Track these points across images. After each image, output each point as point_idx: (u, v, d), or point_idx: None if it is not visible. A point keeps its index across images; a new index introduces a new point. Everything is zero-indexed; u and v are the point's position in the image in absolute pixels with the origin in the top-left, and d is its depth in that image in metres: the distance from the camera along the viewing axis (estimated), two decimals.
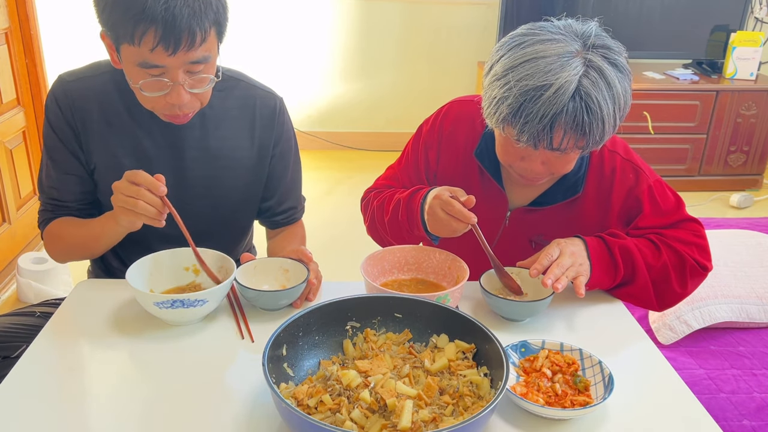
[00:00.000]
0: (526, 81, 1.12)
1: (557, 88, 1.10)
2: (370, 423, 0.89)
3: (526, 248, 1.40)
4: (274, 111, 1.42)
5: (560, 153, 1.18)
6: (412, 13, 4.04)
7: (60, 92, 1.31)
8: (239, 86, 1.39)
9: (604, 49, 1.14)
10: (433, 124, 1.46)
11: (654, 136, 3.68)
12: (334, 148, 4.25)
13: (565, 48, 1.13)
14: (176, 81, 1.16)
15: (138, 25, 1.09)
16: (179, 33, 1.10)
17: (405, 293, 1.12)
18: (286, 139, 1.46)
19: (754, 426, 1.92)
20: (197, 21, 1.11)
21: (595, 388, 1.02)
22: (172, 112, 1.22)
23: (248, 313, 1.21)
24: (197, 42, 1.13)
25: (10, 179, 2.69)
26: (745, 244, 2.59)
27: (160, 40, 1.10)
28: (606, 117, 1.13)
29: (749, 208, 3.68)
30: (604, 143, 1.22)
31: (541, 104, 1.11)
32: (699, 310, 2.28)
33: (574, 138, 1.14)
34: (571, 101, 1.10)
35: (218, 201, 1.40)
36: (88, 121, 1.32)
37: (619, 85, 1.14)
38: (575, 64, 1.11)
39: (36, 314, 1.37)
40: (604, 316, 1.27)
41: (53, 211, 1.37)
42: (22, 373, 1.04)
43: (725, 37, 3.81)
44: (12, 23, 2.71)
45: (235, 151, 1.39)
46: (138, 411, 0.97)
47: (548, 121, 1.11)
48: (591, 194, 1.36)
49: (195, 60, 1.15)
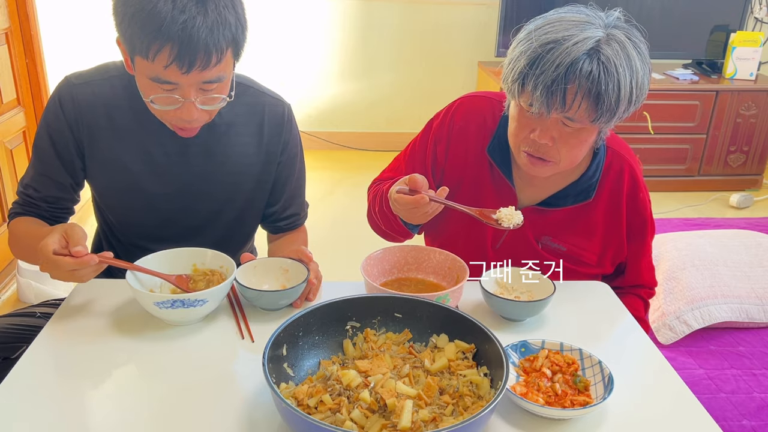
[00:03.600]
0: (546, 36, 1.14)
1: (576, 40, 1.12)
2: (370, 423, 0.89)
3: (533, 249, 1.39)
4: (282, 118, 1.41)
5: (572, 123, 1.18)
6: (411, 13, 4.04)
7: (66, 96, 1.30)
8: (248, 93, 1.38)
9: (628, 30, 1.16)
10: (443, 118, 1.45)
11: (654, 136, 3.68)
12: (334, 148, 4.25)
13: (588, 19, 1.16)
14: (188, 98, 1.16)
15: (154, 42, 1.08)
16: (194, 52, 1.09)
17: (405, 293, 1.12)
18: (293, 146, 1.45)
19: (754, 426, 1.92)
20: (214, 41, 1.10)
21: (595, 388, 1.02)
22: (180, 125, 1.22)
23: (248, 313, 1.21)
24: (212, 62, 1.12)
25: (10, 179, 2.69)
26: (745, 244, 2.60)
27: (175, 59, 1.09)
28: (622, 86, 1.12)
29: (749, 208, 3.68)
30: (613, 125, 1.22)
31: (558, 54, 1.12)
32: (699, 310, 2.28)
33: (587, 102, 1.14)
34: (588, 58, 1.11)
35: (223, 206, 1.40)
36: (95, 127, 1.30)
37: (639, 63, 1.14)
38: (596, 30, 1.13)
39: (36, 314, 1.37)
40: (604, 316, 1.27)
41: (23, 206, 1.36)
42: (22, 373, 1.04)
43: (725, 37, 3.81)
44: (12, 23, 2.71)
45: (241, 157, 1.38)
46: (138, 411, 0.97)
47: (563, 71, 1.12)
48: (602, 203, 1.36)
49: (209, 80, 1.15)
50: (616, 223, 1.38)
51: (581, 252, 1.38)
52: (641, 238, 1.41)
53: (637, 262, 1.44)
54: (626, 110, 1.18)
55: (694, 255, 2.49)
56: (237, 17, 1.15)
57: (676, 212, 3.58)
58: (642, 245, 1.42)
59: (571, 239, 1.38)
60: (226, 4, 1.13)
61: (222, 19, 1.11)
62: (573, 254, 1.38)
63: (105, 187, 1.37)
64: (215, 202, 1.39)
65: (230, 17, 1.13)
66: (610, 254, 1.40)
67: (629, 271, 1.45)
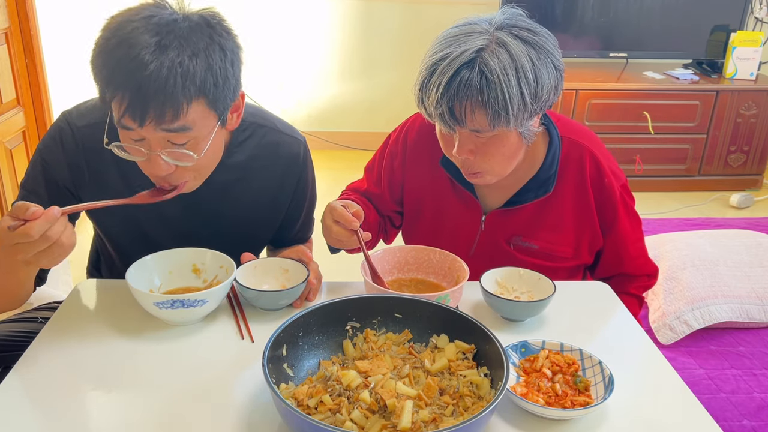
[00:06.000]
0: (431, 57, 1.16)
1: (453, 57, 1.12)
2: (370, 423, 0.89)
3: (505, 251, 1.39)
4: (297, 158, 1.38)
5: (479, 135, 1.18)
6: (411, 13, 4.04)
7: (68, 136, 1.24)
8: (261, 132, 1.33)
9: (515, 28, 1.15)
10: (399, 134, 1.48)
11: (654, 136, 3.68)
12: (334, 148, 4.25)
13: (473, 29, 1.16)
14: (154, 150, 1.08)
15: (107, 88, 1.03)
16: (146, 105, 1.01)
17: (405, 293, 1.12)
18: (305, 180, 1.42)
19: (754, 426, 1.92)
20: (170, 95, 1.01)
21: (595, 388, 1.02)
22: (157, 182, 1.15)
23: (248, 313, 1.21)
24: (168, 116, 1.03)
25: (9, 179, 2.69)
26: (745, 244, 2.60)
27: (127, 109, 1.02)
28: (508, 90, 1.11)
29: (749, 208, 3.68)
30: (531, 123, 1.20)
31: (439, 73, 1.14)
32: (699, 310, 2.28)
33: (479, 112, 1.13)
34: (467, 70, 1.12)
35: (229, 245, 1.32)
36: (101, 163, 1.25)
37: (526, 60, 1.12)
38: (479, 40, 1.13)
39: (38, 320, 1.35)
40: (604, 316, 1.27)
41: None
42: (22, 374, 1.04)
43: (725, 37, 3.81)
44: (12, 23, 2.71)
45: (255, 201, 1.36)
46: (138, 411, 0.97)
47: (444, 90, 1.13)
48: (567, 193, 1.35)
49: (173, 129, 1.06)
50: (586, 212, 1.36)
51: (554, 247, 1.38)
52: (615, 225, 1.38)
53: (616, 249, 1.41)
54: (534, 107, 1.15)
55: (694, 255, 2.49)
56: (209, 67, 1.05)
57: (676, 212, 3.58)
58: (619, 232, 1.39)
59: (541, 235, 1.37)
60: (195, 53, 1.03)
61: (183, 69, 1.01)
62: (546, 250, 1.38)
63: (106, 225, 1.34)
64: (222, 243, 1.32)
65: (197, 67, 1.03)
66: (585, 244, 1.39)
67: (608, 259, 1.42)
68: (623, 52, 3.86)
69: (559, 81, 1.19)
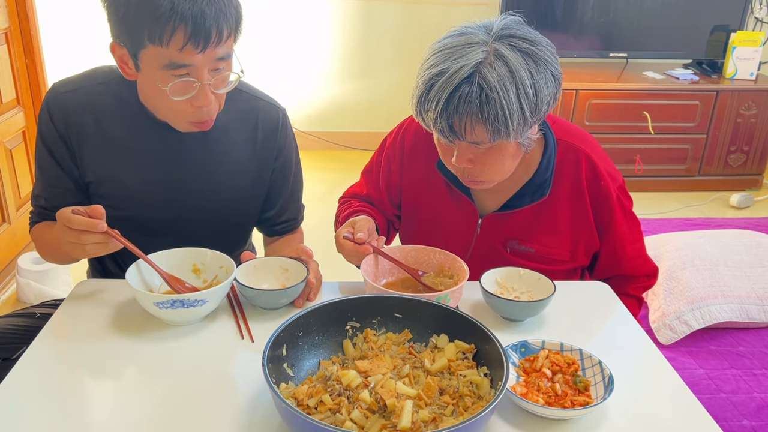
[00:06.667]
0: (429, 71, 1.15)
1: (452, 72, 1.11)
2: (370, 423, 0.89)
3: (502, 254, 1.39)
4: (276, 124, 1.41)
5: (478, 146, 1.18)
6: (411, 13, 4.04)
7: (54, 104, 1.29)
8: (241, 97, 1.37)
9: (514, 38, 1.14)
10: (395, 137, 1.47)
11: (654, 136, 3.68)
12: (334, 148, 4.25)
13: (470, 39, 1.14)
14: (202, 80, 1.17)
15: (167, 24, 1.09)
16: (208, 30, 1.11)
17: (405, 293, 1.12)
18: (288, 151, 1.44)
19: (754, 426, 1.92)
20: (223, 18, 1.13)
21: (595, 388, 1.02)
22: (200, 118, 1.22)
23: (248, 313, 1.21)
24: (224, 38, 1.15)
25: (9, 179, 2.69)
26: (745, 244, 2.60)
27: (190, 38, 1.11)
28: (508, 106, 1.10)
29: (749, 208, 3.68)
30: (528, 133, 1.19)
31: (436, 89, 1.12)
32: (699, 310, 2.28)
33: (479, 126, 1.13)
34: (467, 85, 1.10)
35: (217, 213, 1.39)
36: (83, 134, 1.30)
37: (525, 73, 1.11)
38: (477, 53, 1.12)
39: (36, 315, 1.37)
40: (604, 316, 1.27)
41: (38, 215, 1.38)
42: (22, 374, 1.04)
43: (725, 37, 3.81)
44: (12, 23, 2.71)
45: (235, 163, 1.38)
46: (138, 411, 0.97)
47: (443, 106, 1.12)
48: (563, 196, 1.35)
49: (220, 57, 1.16)
50: (582, 215, 1.36)
51: (550, 250, 1.37)
52: (612, 227, 1.37)
53: (613, 251, 1.40)
54: (533, 119, 1.15)
55: (694, 255, 2.49)
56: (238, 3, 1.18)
57: (676, 212, 3.58)
58: (616, 234, 1.38)
59: (538, 239, 1.37)
60: None
61: None
62: (542, 254, 1.37)
63: (99, 193, 1.35)
64: (208, 210, 1.38)
65: None
66: (582, 247, 1.38)
67: (606, 261, 1.42)
68: (623, 52, 3.86)
69: (558, 89, 1.19)
